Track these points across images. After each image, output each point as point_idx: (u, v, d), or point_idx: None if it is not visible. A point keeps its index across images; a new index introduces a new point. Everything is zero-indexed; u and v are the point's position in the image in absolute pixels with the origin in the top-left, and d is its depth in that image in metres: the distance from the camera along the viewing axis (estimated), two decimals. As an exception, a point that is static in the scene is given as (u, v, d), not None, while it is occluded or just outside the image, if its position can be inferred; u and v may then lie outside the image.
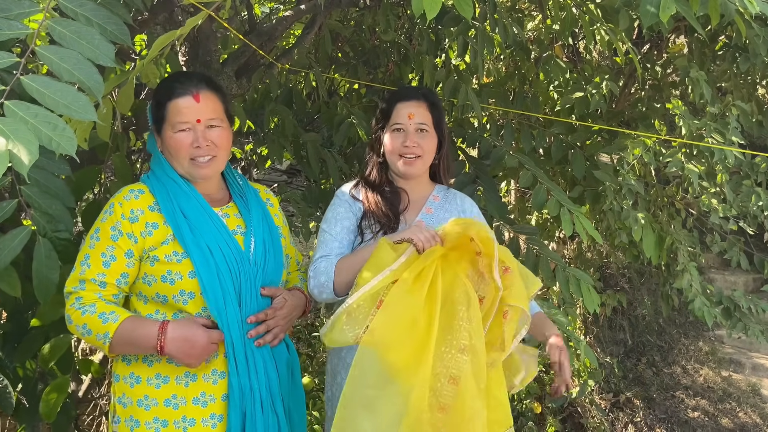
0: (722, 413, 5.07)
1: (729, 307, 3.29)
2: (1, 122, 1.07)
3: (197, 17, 1.64)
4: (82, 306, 1.61)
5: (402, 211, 1.98)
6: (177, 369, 1.65)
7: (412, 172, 1.97)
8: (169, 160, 1.72)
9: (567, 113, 3.22)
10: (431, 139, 1.97)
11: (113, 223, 1.64)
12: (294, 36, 3.84)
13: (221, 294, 1.64)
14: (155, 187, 1.70)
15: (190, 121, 1.67)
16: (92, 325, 1.59)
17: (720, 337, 6.04)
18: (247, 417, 1.67)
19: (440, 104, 2.03)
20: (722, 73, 3.54)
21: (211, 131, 1.70)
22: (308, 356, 4.28)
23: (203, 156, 1.69)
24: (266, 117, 3.11)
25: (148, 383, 1.66)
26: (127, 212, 1.65)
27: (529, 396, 4.54)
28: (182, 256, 1.64)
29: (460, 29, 2.80)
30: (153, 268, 1.64)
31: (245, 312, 1.69)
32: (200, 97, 1.68)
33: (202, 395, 1.66)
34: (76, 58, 1.23)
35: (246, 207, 1.81)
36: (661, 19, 1.66)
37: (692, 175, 2.84)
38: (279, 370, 1.77)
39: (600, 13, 2.88)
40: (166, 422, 1.64)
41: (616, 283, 5.83)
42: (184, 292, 1.65)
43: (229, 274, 1.67)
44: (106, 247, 1.63)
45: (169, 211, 1.67)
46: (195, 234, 1.66)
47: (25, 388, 2.28)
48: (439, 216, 1.99)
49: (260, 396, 1.69)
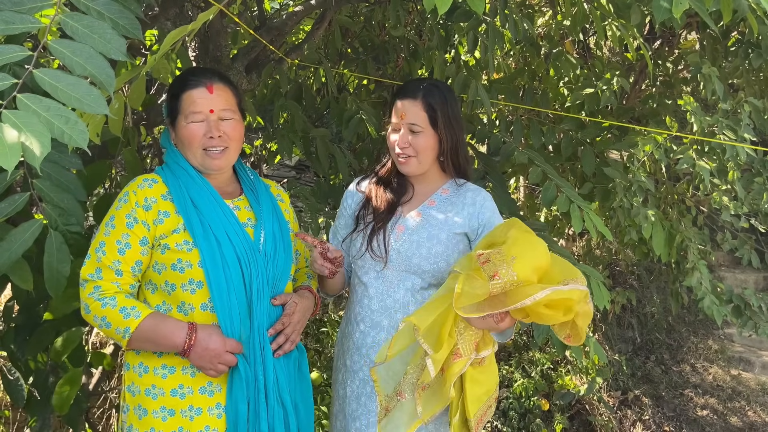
0: (731, 412, 5.05)
1: (739, 305, 3.27)
2: (14, 115, 1.08)
3: (208, 12, 1.65)
4: (101, 297, 1.63)
5: (404, 203, 1.99)
6: (183, 360, 1.66)
7: (408, 171, 1.97)
8: (183, 152, 1.75)
9: (577, 109, 3.21)
10: (426, 138, 1.93)
11: (128, 211, 1.67)
12: (304, 31, 3.84)
13: (225, 285, 1.65)
14: (168, 177, 1.73)
15: (203, 111, 1.70)
16: (112, 318, 1.61)
17: (729, 335, 6.01)
18: (251, 407, 1.68)
19: (440, 101, 1.93)
20: (734, 70, 3.52)
21: (223, 123, 1.73)
22: (316, 351, 4.29)
23: (216, 147, 1.72)
24: (276, 112, 3.11)
25: (155, 373, 1.68)
26: (141, 200, 1.67)
27: (537, 393, 4.54)
28: (192, 245, 1.66)
29: (471, 24, 2.79)
30: (163, 256, 1.66)
31: (256, 301, 1.70)
32: (213, 89, 1.72)
33: (209, 385, 1.68)
34: (88, 52, 1.23)
35: (256, 200, 1.83)
36: (674, 14, 1.65)
37: (703, 172, 2.82)
38: (287, 364, 1.78)
39: (611, 8, 2.86)
40: (173, 411, 1.66)
41: (625, 280, 5.81)
42: (193, 281, 1.66)
43: (237, 264, 1.68)
44: (122, 234, 1.65)
45: (181, 200, 1.69)
46: (204, 225, 1.68)
47: (37, 380, 2.30)
48: (442, 209, 1.97)
49: (265, 387, 1.70)
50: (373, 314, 1.94)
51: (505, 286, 1.61)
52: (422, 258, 1.90)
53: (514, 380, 4.57)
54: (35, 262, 1.77)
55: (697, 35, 3.68)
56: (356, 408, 1.96)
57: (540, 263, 1.64)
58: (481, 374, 1.85)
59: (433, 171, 2.02)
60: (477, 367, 1.82)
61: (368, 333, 1.95)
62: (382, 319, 1.93)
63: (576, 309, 1.65)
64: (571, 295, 1.61)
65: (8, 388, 2.29)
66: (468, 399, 1.80)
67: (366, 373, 1.94)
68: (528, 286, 1.61)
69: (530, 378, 4.62)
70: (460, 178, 2.04)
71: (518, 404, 4.42)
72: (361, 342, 1.96)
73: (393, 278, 1.93)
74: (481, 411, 1.86)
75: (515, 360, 4.79)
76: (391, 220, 1.97)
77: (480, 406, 1.84)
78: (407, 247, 1.92)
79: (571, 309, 1.64)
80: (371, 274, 1.96)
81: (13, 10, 1.27)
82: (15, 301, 2.22)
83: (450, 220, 1.95)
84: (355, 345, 1.97)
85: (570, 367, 4.80)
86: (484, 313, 1.64)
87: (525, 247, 1.66)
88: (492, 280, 1.60)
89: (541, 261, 1.65)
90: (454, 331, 1.72)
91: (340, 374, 2.04)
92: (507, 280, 1.59)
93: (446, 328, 1.71)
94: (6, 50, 1.20)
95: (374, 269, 1.95)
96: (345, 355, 2.02)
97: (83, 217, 1.78)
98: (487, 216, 1.96)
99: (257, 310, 1.70)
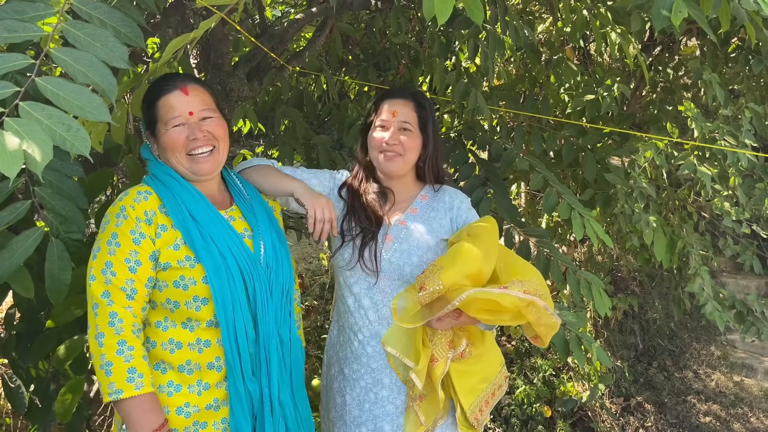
0: (734, 418, 5.03)
1: (742, 311, 3.26)
2: (16, 123, 1.08)
3: (210, 20, 1.65)
4: (121, 338, 1.53)
5: (386, 212, 1.99)
6: (189, 378, 1.63)
7: (392, 170, 1.98)
8: (168, 161, 1.69)
9: (578, 116, 3.21)
10: (414, 139, 1.98)
11: (132, 227, 1.59)
12: (305, 39, 3.85)
13: (230, 300, 1.61)
14: (159, 189, 1.66)
15: (182, 115, 1.66)
16: (116, 369, 1.52)
17: (732, 341, 5.99)
18: (257, 422, 1.66)
19: (429, 106, 2.02)
20: (735, 76, 3.52)
21: (205, 122, 1.68)
22: (318, 358, 4.29)
23: (201, 147, 1.67)
24: (277, 119, 3.12)
25: (160, 390, 1.62)
26: (141, 215, 1.60)
27: (539, 400, 4.52)
28: (195, 261, 1.60)
29: (471, 32, 2.80)
30: (165, 274, 1.61)
31: (261, 315, 1.67)
32: (188, 90, 1.67)
33: (215, 401, 1.65)
34: (91, 60, 1.24)
35: (250, 210, 1.78)
36: (673, 22, 1.66)
37: (705, 177, 2.82)
38: (293, 376, 1.77)
39: (611, 15, 2.87)
40: (176, 431, 1.62)
41: (627, 286, 5.80)
42: (198, 298, 1.61)
43: (241, 278, 1.64)
44: (129, 252, 1.58)
45: (177, 213, 1.63)
46: (205, 237, 1.62)
47: (38, 388, 2.30)
48: (426, 216, 2.00)
49: (270, 401, 1.67)
50: (371, 324, 1.94)
51: (433, 295, 1.75)
52: (414, 266, 1.91)
53: (517, 387, 4.56)
54: (36, 270, 1.77)
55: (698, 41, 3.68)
56: (359, 415, 1.95)
57: (470, 270, 1.76)
58: (472, 365, 1.94)
59: (410, 176, 2.06)
60: (462, 361, 1.92)
61: (368, 343, 1.95)
62: (381, 329, 1.93)
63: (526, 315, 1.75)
64: (501, 299, 1.70)
65: (9, 396, 2.29)
66: (459, 393, 1.89)
67: (367, 380, 1.95)
68: (456, 290, 1.74)
69: (532, 385, 4.61)
70: (435, 184, 2.07)
71: (520, 411, 4.41)
72: (360, 351, 1.96)
73: (386, 288, 1.93)
74: (481, 399, 1.94)
75: (517, 366, 4.78)
76: (379, 232, 1.97)
77: (478, 395, 1.93)
78: (398, 256, 1.92)
79: (520, 314, 1.75)
80: (362, 284, 1.95)
81: (15, 18, 1.27)
82: (16, 308, 2.22)
83: (435, 225, 1.98)
84: (354, 354, 1.97)
85: (572, 374, 4.79)
86: (432, 317, 1.78)
87: (453, 256, 1.79)
88: (420, 292, 1.75)
89: (471, 268, 1.76)
90: (427, 341, 1.86)
91: (336, 382, 2.03)
92: (433, 289, 1.74)
93: (418, 341, 1.85)
94: (8, 58, 1.20)
95: (365, 280, 1.95)
96: (341, 364, 2.01)
97: (85, 225, 1.78)
98: (463, 218, 2.00)
99: (262, 323, 1.67)
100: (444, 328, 1.87)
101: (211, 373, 1.65)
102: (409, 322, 1.81)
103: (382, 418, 1.92)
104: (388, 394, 1.93)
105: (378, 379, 1.94)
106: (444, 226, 1.98)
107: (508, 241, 2.67)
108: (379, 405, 1.93)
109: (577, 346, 2.39)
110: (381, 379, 1.94)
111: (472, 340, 1.96)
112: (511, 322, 1.81)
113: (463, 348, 1.91)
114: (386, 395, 1.93)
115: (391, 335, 1.90)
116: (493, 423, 4.36)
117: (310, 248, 5.61)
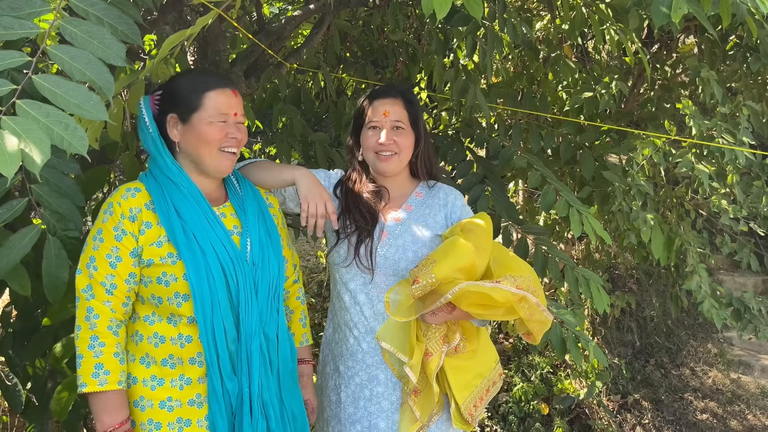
0: (731, 415, 5.04)
1: (739, 308, 3.27)
2: (14, 121, 1.08)
3: (207, 17, 1.65)
4: (94, 333, 1.59)
5: (382, 209, 2.00)
6: (172, 372, 1.65)
7: (389, 169, 1.99)
8: (193, 149, 1.71)
9: (576, 113, 3.21)
10: (408, 137, 1.99)
11: (115, 223, 1.63)
12: (302, 36, 3.84)
13: (209, 297, 1.62)
14: (151, 185, 1.69)
15: (229, 113, 1.71)
16: (84, 363, 1.58)
17: (729, 339, 6.01)
18: (236, 419, 1.67)
19: (417, 102, 2.05)
20: (733, 73, 3.52)
21: (240, 127, 1.75)
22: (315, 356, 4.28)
23: (233, 147, 1.73)
24: (275, 117, 3.11)
25: (144, 384, 1.65)
26: (126, 211, 1.64)
27: (537, 397, 4.53)
28: (177, 258, 1.63)
29: (470, 29, 2.79)
30: (149, 270, 1.64)
31: (243, 313, 1.67)
32: (237, 93, 1.75)
33: (198, 397, 1.66)
34: (87, 57, 1.23)
35: (242, 207, 1.80)
36: (673, 19, 1.65)
37: (702, 175, 2.82)
38: (281, 375, 1.77)
39: (610, 12, 2.86)
40: (160, 424, 1.64)
41: (625, 284, 5.81)
42: (179, 294, 1.63)
43: (222, 276, 1.65)
44: (111, 248, 1.62)
45: (164, 210, 1.65)
46: (188, 235, 1.64)
47: (35, 386, 2.29)
48: (421, 212, 2.01)
49: (250, 399, 1.68)
50: (367, 320, 1.95)
51: (426, 288, 1.76)
52: (409, 262, 1.91)
53: (514, 384, 4.56)
54: (33, 268, 1.76)
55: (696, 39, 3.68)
56: (353, 412, 1.95)
57: (463, 264, 1.76)
58: (466, 361, 1.95)
59: (404, 174, 2.07)
60: (456, 356, 1.93)
61: (363, 338, 1.96)
62: (376, 325, 1.94)
63: (518, 311, 1.76)
64: (493, 293, 1.71)
65: (6, 394, 2.28)
66: (454, 388, 1.90)
67: (362, 377, 1.95)
68: (448, 283, 1.74)
69: (530, 382, 4.62)
70: (430, 180, 2.08)
71: (518, 408, 4.42)
72: (356, 348, 1.97)
73: (382, 283, 1.93)
74: (476, 395, 1.95)
75: (515, 364, 4.78)
76: (375, 229, 1.97)
77: (472, 390, 1.94)
78: (393, 251, 1.93)
79: (512, 309, 1.77)
80: (358, 281, 1.96)
81: (12, 15, 1.27)
82: (13, 306, 2.22)
83: (430, 221, 1.99)
84: (349, 351, 1.98)
85: (569, 371, 4.79)
86: (425, 310, 1.79)
87: (446, 250, 1.80)
88: (413, 285, 1.77)
89: (463, 261, 1.76)
90: (421, 336, 1.87)
91: (331, 380, 2.04)
92: (426, 282, 1.75)
93: (413, 335, 1.86)
94: (5, 56, 1.20)
95: (361, 276, 1.95)
96: (337, 361, 2.02)
97: (82, 223, 1.77)
98: (457, 214, 2.01)
99: (245, 321, 1.67)
100: (437, 323, 1.87)
101: (193, 368, 1.66)
102: (403, 316, 1.82)
103: (377, 415, 1.93)
104: (383, 390, 1.94)
105: (373, 376, 1.94)
106: (439, 222, 1.99)
107: (506, 238, 2.67)
108: (374, 402, 1.93)
109: (574, 344, 2.39)
110: (376, 376, 1.94)
111: (467, 336, 1.97)
112: (503, 317, 1.82)
113: (456, 342, 1.92)
114: (381, 392, 1.94)
115: (386, 330, 1.90)
116: (491, 420, 4.37)
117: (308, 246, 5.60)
